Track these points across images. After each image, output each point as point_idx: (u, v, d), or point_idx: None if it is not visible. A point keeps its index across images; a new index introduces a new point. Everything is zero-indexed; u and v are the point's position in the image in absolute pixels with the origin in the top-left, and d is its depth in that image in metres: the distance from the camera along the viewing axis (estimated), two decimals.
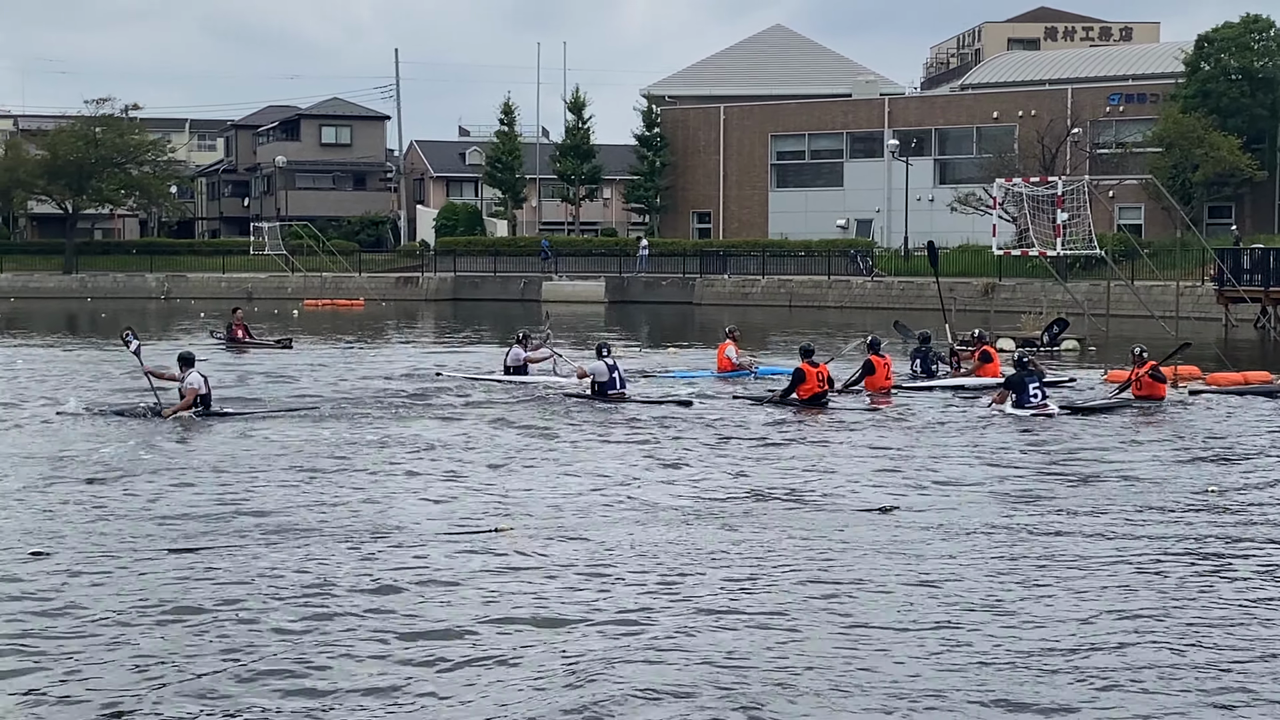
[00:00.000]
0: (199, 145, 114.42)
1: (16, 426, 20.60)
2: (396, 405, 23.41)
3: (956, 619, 10.42)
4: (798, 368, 23.50)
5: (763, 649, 9.67)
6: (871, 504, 14.78)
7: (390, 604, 10.73)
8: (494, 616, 10.42)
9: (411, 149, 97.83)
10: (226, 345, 35.86)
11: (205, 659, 9.38)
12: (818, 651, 9.62)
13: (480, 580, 11.45)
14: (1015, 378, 22.61)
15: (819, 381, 23.17)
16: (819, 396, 23.11)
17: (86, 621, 10.21)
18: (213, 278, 75.74)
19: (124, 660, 9.37)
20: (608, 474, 16.71)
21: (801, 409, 22.81)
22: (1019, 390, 22.27)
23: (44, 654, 9.48)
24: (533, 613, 10.53)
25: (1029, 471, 17.10)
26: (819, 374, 23.25)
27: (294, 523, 13.58)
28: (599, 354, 24.27)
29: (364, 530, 13.28)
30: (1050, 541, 12.97)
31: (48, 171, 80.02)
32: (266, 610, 10.51)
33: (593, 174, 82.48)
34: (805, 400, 23.02)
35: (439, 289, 71.81)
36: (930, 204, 72.32)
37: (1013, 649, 9.71)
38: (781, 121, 79.87)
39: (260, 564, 11.90)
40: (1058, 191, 37.33)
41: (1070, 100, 70.51)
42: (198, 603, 10.69)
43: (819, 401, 23.07)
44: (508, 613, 10.52)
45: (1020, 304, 49.92)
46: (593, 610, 10.62)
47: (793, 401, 23.13)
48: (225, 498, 14.88)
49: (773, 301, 63.75)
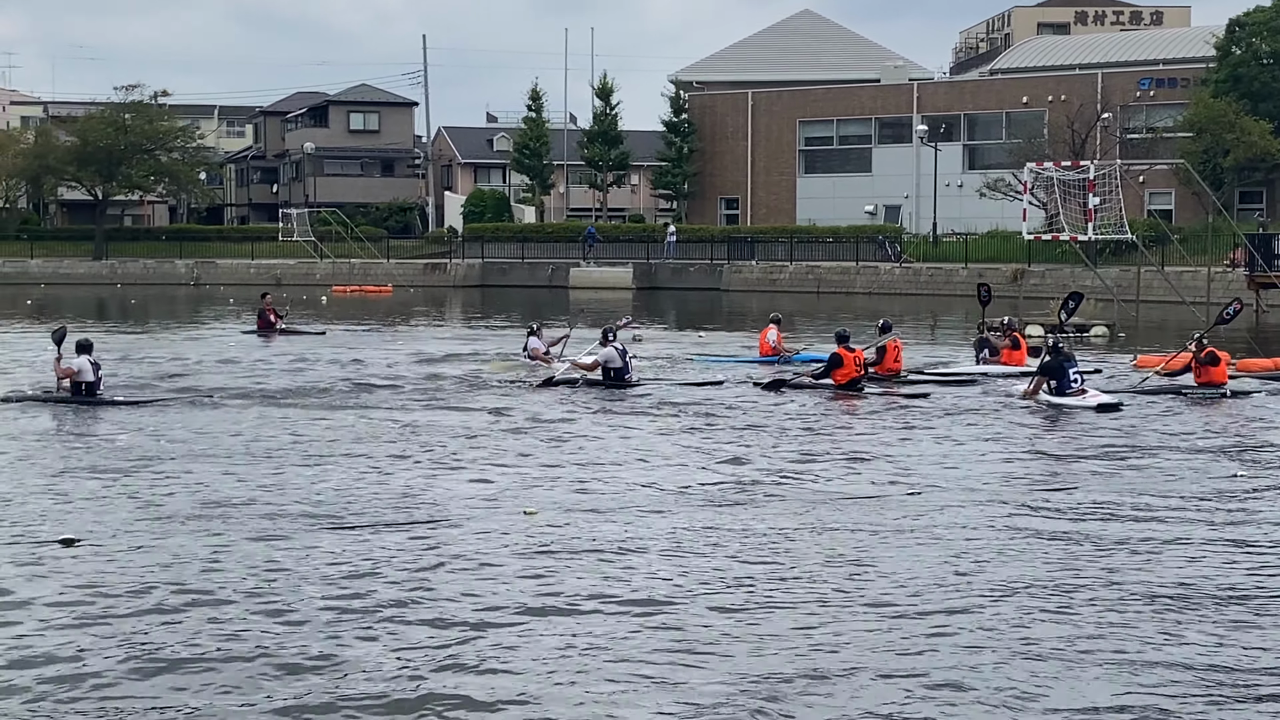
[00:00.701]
0: (228, 132, 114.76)
1: (45, 412, 20.66)
2: (414, 392, 23.46)
3: (984, 604, 10.38)
4: (834, 352, 23.42)
5: (791, 633, 9.65)
6: (898, 488, 14.74)
7: (421, 587, 10.73)
8: (525, 600, 10.41)
9: (439, 135, 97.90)
10: (257, 331, 35.95)
11: (236, 645, 9.40)
12: (846, 636, 9.59)
13: (510, 563, 11.44)
14: (1052, 364, 21.72)
15: (855, 366, 23.05)
16: (855, 382, 22.97)
17: (116, 609, 10.23)
18: (242, 264, 75.94)
19: (156, 648, 9.39)
20: (635, 458, 16.69)
21: (837, 394, 22.71)
22: (1058, 376, 21.48)
23: (75, 641, 9.52)
24: (562, 596, 10.53)
25: (1061, 457, 16.99)
26: (855, 359, 23.13)
27: (320, 509, 13.60)
28: (605, 339, 23.90)
29: (391, 515, 13.29)
30: (1080, 529, 12.90)
31: (78, 158, 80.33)
32: (296, 595, 10.53)
33: (620, 160, 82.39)
34: (841, 385, 22.90)
35: (467, 275, 71.87)
36: (959, 190, 72.08)
37: (1039, 634, 9.67)
38: (810, 107, 79.67)
39: (288, 550, 11.91)
40: (1089, 175, 37.13)
41: (1100, 85, 70.16)
42: (229, 589, 10.71)
43: (855, 386, 22.93)
44: (538, 596, 10.52)
45: (1049, 290, 49.71)
46: (619, 593, 10.60)
47: (828, 386, 23.05)
48: (251, 484, 14.91)
49: (800, 288, 63.61)
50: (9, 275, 73.73)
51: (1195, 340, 23.70)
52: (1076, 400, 21.22)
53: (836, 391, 22.83)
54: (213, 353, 30.80)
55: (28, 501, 13.88)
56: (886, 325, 25.71)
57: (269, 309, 36.37)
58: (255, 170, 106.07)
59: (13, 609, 10.13)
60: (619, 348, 23.67)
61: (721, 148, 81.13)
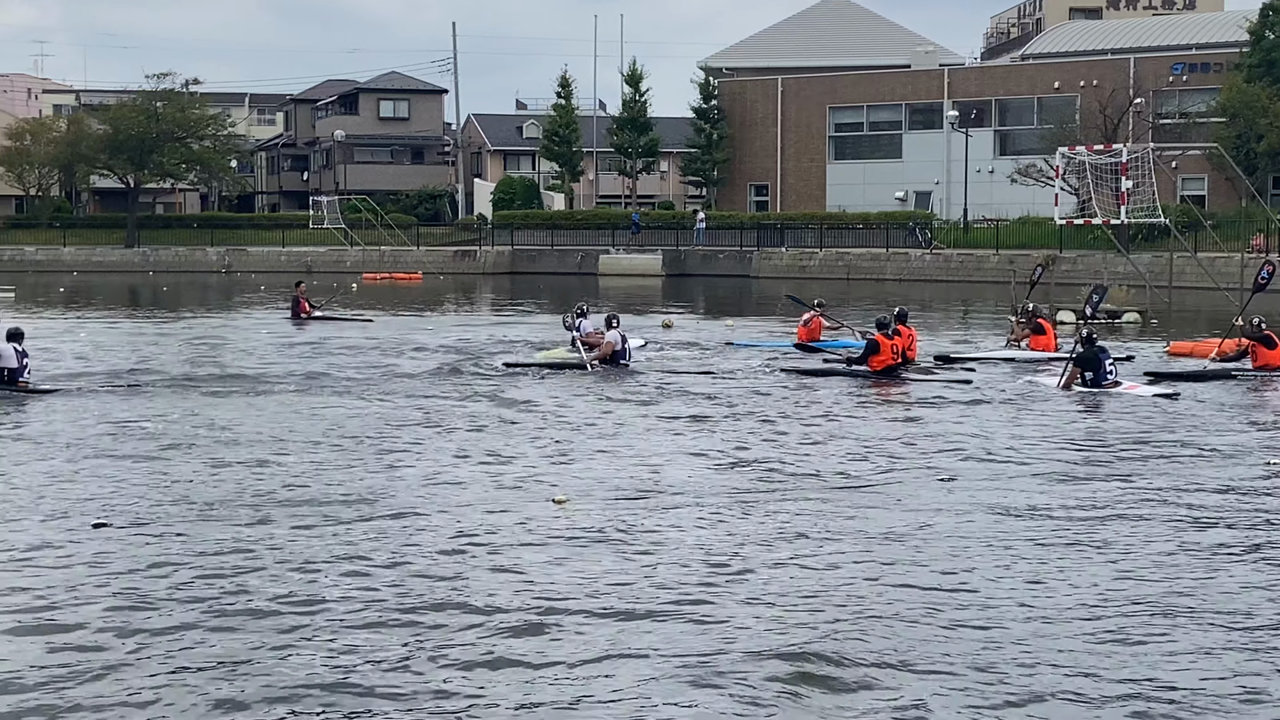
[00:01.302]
0: (258, 120, 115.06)
1: (78, 396, 20.76)
2: (447, 378, 23.54)
3: (1020, 591, 10.34)
4: (872, 338, 23.31)
5: (824, 622, 9.62)
6: (932, 474, 14.69)
7: (451, 576, 10.74)
8: (556, 587, 10.41)
9: (469, 123, 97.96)
10: (292, 319, 36.14)
11: (269, 632, 9.43)
12: (880, 623, 9.56)
13: (541, 551, 11.44)
14: (1088, 354, 21.34)
15: (893, 354, 22.89)
16: (893, 369, 22.82)
17: (147, 594, 10.27)
18: (273, 251, 76.18)
19: (187, 633, 9.42)
20: (663, 446, 16.67)
21: (874, 380, 22.58)
22: (1093, 368, 21.14)
23: (109, 625, 9.56)
24: (593, 583, 10.52)
25: (1096, 446, 16.84)
26: (894, 346, 22.97)
27: (349, 496, 13.62)
28: (609, 325, 24.79)
29: (419, 502, 13.30)
30: (1115, 517, 12.83)
31: (110, 146, 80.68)
32: (325, 581, 10.55)
33: (650, 147, 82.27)
34: (878, 372, 22.77)
35: (496, 263, 71.92)
36: (990, 175, 71.78)
37: (1078, 625, 9.62)
38: (840, 93, 79.43)
39: (316, 537, 11.94)
40: (1122, 159, 36.92)
41: (1133, 70, 69.74)
42: (253, 575, 10.74)
43: (893, 374, 22.77)
44: (569, 583, 10.51)
45: (1081, 276, 49.46)
46: (651, 582, 10.59)
47: (865, 372, 22.93)
48: (281, 471, 14.95)
49: (830, 274, 63.45)
50: (42, 263, 74.15)
51: (1247, 321, 23.38)
52: (1130, 390, 20.81)
53: (874, 379, 22.67)
54: (244, 339, 30.92)
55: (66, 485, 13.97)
56: (903, 313, 25.57)
57: (302, 296, 36.61)
58: (286, 158, 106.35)
59: (48, 587, 10.19)
60: (621, 333, 24.34)
61: (751, 134, 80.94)
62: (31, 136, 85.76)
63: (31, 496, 13.51)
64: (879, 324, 23.91)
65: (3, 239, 79.51)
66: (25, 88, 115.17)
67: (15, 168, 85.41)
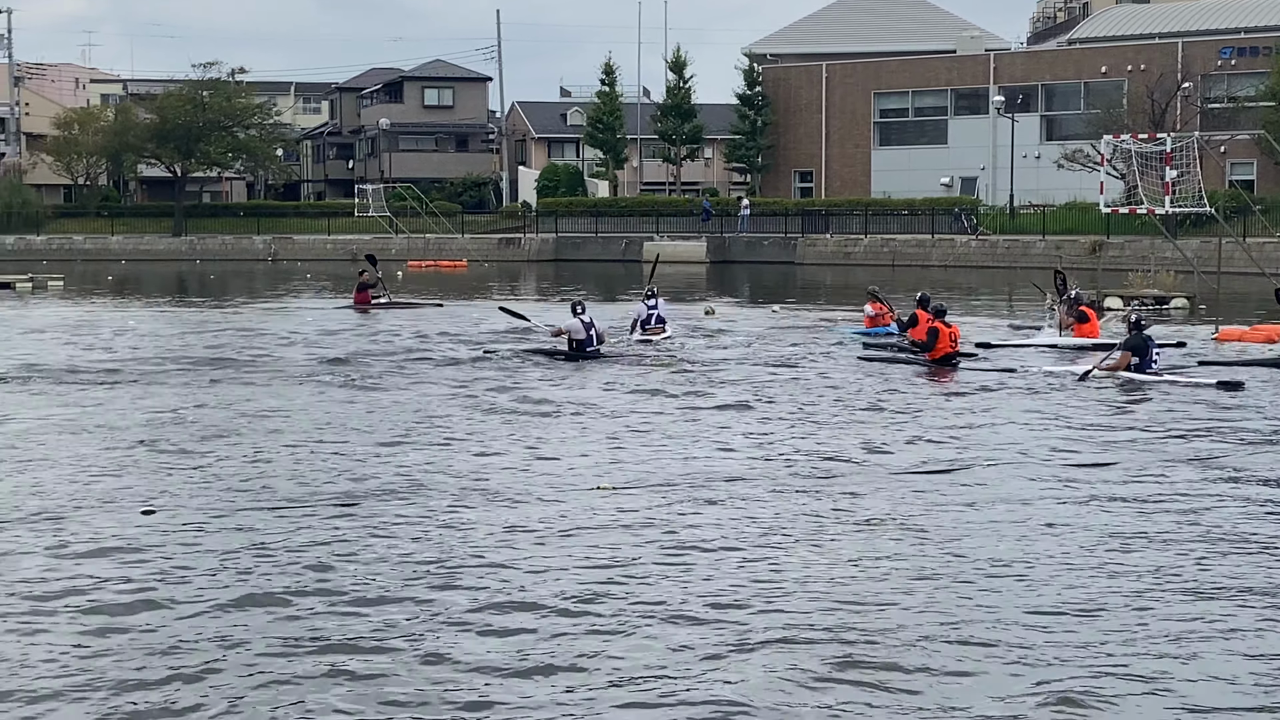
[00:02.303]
0: (304, 108, 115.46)
1: (128, 384, 20.93)
2: (472, 366, 23.68)
3: (1063, 583, 10.32)
4: (930, 327, 23.15)
5: (869, 613, 9.63)
6: (979, 463, 14.65)
7: (498, 562, 10.78)
8: (601, 573, 10.45)
9: (513, 110, 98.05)
10: (354, 305, 36.32)
11: (316, 620, 9.50)
12: (920, 615, 9.56)
13: (585, 538, 11.48)
14: (1135, 340, 21.05)
15: (950, 342, 22.72)
16: (949, 357, 22.63)
17: (198, 582, 10.36)
18: (318, 239, 76.48)
19: (233, 620, 9.50)
20: (710, 433, 16.67)
21: (930, 369, 22.44)
22: (1141, 354, 20.82)
23: (158, 611, 9.65)
24: (638, 569, 10.55)
25: (1146, 436, 16.74)
26: (950, 334, 22.79)
27: (392, 484, 13.69)
28: (573, 311, 24.52)
29: (464, 490, 13.35)
30: (1158, 507, 12.77)
31: (157, 135, 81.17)
32: (372, 569, 10.62)
33: (694, 134, 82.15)
34: (935, 360, 22.61)
35: (541, 250, 72.00)
36: (1036, 161, 71.36)
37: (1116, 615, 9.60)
38: (884, 79, 79.09)
39: (362, 524, 12.01)
40: (1166, 148, 36.66)
41: (1180, 54, 69.15)
42: (299, 563, 10.82)
43: (949, 362, 22.58)
44: (615, 569, 10.54)
45: (1128, 262, 49.11)
46: (699, 573, 10.61)
47: (921, 360, 22.81)
48: (326, 460, 15.04)
49: (875, 261, 63.22)
50: (90, 252, 74.69)
51: None
52: (1195, 377, 20.53)
53: (931, 367, 22.53)
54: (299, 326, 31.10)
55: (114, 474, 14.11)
56: (924, 298, 25.52)
57: (367, 285, 36.78)
58: (331, 146, 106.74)
59: (101, 575, 10.29)
60: (585, 320, 24.21)
61: (795, 120, 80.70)
62: (79, 126, 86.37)
63: (81, 484, 13.64)
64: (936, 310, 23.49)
65: (51, 228, 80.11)
66: (73, 77, 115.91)
67: (64, 157, 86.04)
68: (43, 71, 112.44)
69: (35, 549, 11.16)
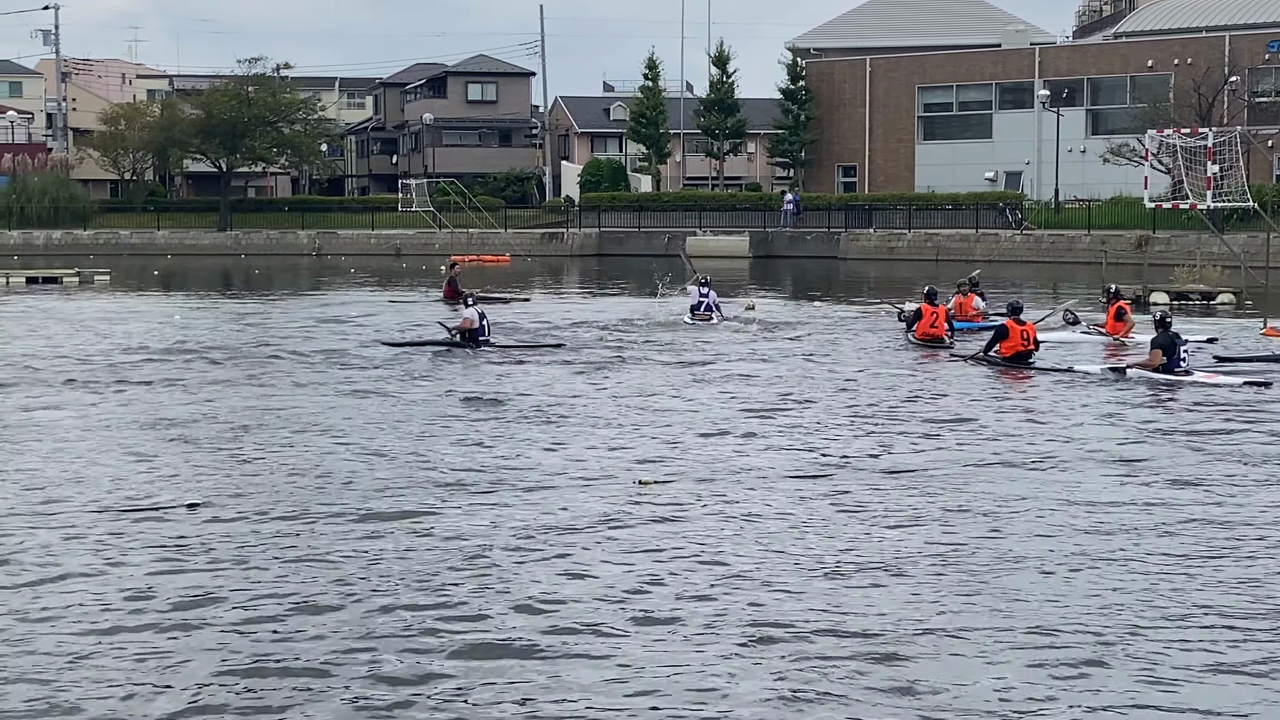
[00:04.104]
0: (348, 104, 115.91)
1: (170, 379, 21.08)
2: (519, 358, 23.80)
3: (1107, 579, 10.29)
4: (1001, 324, 22.85)
5: (912, 609, 9.63)
6: (1019, 460, 14.61)
7: (541, 556, 10.82)
8: (641, 567, 10.48)
9: (556, 105, 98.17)
10: (445, 300, 36.46)
11: (362, 611, 9.56)
12: (967, 611, 9.56)
13: (627, 534, 11.50)
14: (1162, 339, 20.69)
15: (1023, 340, 22.31)
16: (1024, 355, 22.23)
17: (246, 574, 10.44)
18: (362, 234, 76.76)
19: (276, 611, 9.58)
20: (747, 427, 16.67)
21: (1005, 368, 22.08)
22: (1170, 353, 20.45)
23: (208, 602, 9.74)
24: (677, 567, 10.57)
25: (1203, 434, 16.66)
26: (1024, 332, 22.39)
27: (437, 478, 13.75)
28: (465, 303, 25.82)
29: (503, 485, 13.39)
30: (1203, 509, 12.71)
31: (202, 131, 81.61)
32: (412, 561, 10.68)
33: (737, 128, 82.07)
34: (1008, 358, 22.24)
35: (583, 245, 72.06)
36: (1082, 155, 70.92)
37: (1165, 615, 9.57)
38: (929, 73, 78.80)
39: (400, 516, 12.06)
40: (1208, 143, 36.41)
41: (1228, 47, 68.58)
42: (335, 554, 10.89)
43: (1024, 360, 22.19)
44: (655, 567, 10.56)
45: (1174, 257, 48.74)
46: (738, 565, 10.63)
47: (996, 359, 22.43)
48: (368, 452, 15.12)
49: (919, 256, 62.99)
50: (136, 246, 75.17)
51: None
52: (1221, 379, 20.26)
53: (1005, 366, 22.15)
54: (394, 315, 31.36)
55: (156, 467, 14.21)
56: (932, 293, 25.87)
57: (457, 278, 36.99)
58: (375, 141, 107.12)
59: (142, 565, 10.39)
60: (479, 311, 25.27)
61: (839, 115, 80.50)
62: (126, 121, 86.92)
63: (126, 477, 13.75)
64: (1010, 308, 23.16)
65: (98, 222, 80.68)
66: (120, 73, 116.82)
67: (110, 152, 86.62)
68: (89, 67, 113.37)
69: (82, 541, 11.26)
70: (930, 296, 25.80)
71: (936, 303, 25.82)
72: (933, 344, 25.09)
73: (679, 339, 26.87)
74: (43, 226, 78.15)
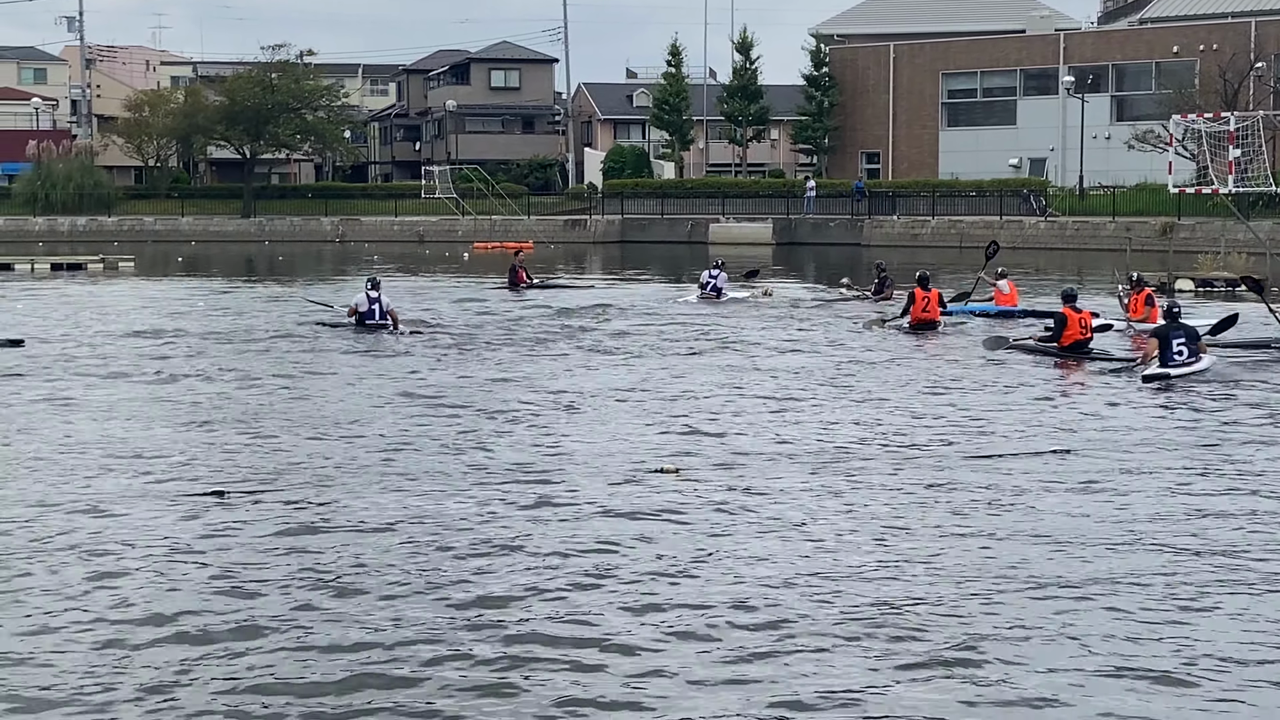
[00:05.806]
0: (371, 90, 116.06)
1: (196, 368, 21.14)
2: (535, 344, 23.93)
3: (1134, 569, 10.26)
4: (1059, 312, 22.31)
5: (940, 595, 9.60)
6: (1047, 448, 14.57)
7: (563, 544, 10.82)
8: (666, 561, 10.46)
9: (579, 92, 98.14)
10: (509, 288, 36.53)
11: (381, 599, 9.58)
12: (1000, 601, 9.54)
13: (651, 522, 11.49)
14: (1161, 330, 20.04)
15: (1081, 328, 21.81)
16: (1081, 344, 21.75)
17: (273, 564, 10.47)
18: (385, 221, 76.86)
19: (303, 597, 9.60)
20: (774, 411, 16.65)
21: (1062, 356, 21.67)
22: (1164, 346, 19.61)
23: (230, 591, 9.77)
24: (706, 553, 10.56)
25: (1205, 429, 16.62)
26: (1081, 320, 21.91)
27: (455, 463, 13.75)
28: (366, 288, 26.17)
29: (527, 472, 13.38)
30: (1227, 501, 12.67)
31: (226, 117, 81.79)
32: (437, 549, 10.69)
33: (760, 115, 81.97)
34: (1066, 347, 21.75)
35: (606, 231, 72.08)
36: (1107, 142, 70.69)
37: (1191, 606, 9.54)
38: (953, 59, 78.57)
39: (424, 505, 12.06)
40: (1230, 128, 36.25)
41: (1254, 33, 68.24)
42: (362, 541, 10.90)
43: (1082, 349, 21.73)
44: (676, 557, 10.55)
45: (1199, 244, 48.57)
46: (764, 554, 10.62)
47: (1053, 349, 21.91)
48: (392, 440, 15.13)
49: (943, 242, 62.83)
50: (161, 233, 75.40)
51: None
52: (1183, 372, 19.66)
53: (1062, 354, 21.73)
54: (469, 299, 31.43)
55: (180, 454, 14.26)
56: (923, 277, 25.99)
57: (520, 267, 37.18)
58: (398, 128, 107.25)
59: (172, 554, 10.42)
60: (372, 295, 25.85)
61: (862, 101, 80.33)
62: (150, 108, 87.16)
63: (152, 464, 13.79)
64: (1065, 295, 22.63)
65: (122, 209, 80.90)
66: (144, 60, 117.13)
67: (134, 139, 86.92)
68: (113, 54, 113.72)
69: (108, 529, 11.30)
70: (922, 281, 25.83)
71: (929, 288, 25.83)
72: (926, 328, 25.49)
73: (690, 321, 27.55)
74: (67, 213, 78.40)
